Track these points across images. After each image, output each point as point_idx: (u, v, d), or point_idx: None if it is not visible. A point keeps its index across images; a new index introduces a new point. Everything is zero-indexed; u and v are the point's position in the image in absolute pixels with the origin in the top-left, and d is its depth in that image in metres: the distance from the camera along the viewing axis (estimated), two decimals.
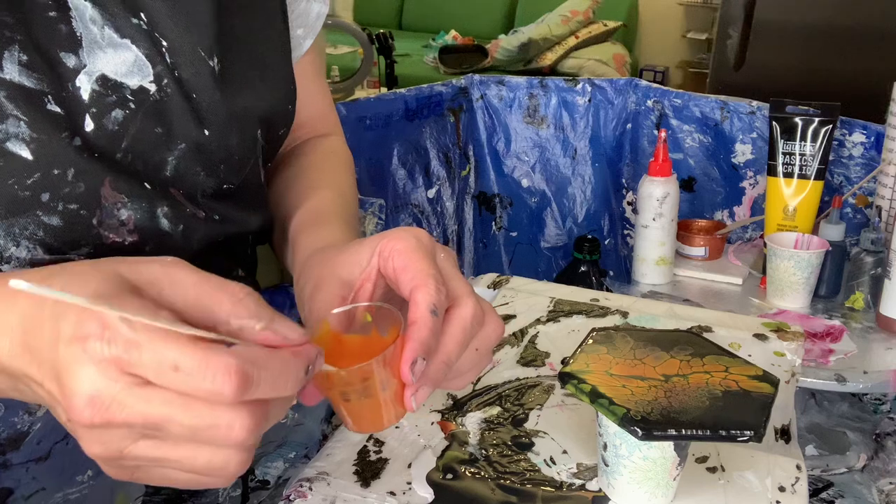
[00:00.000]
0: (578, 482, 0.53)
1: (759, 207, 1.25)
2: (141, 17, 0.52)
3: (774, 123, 1.13)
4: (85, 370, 0.34)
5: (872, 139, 1.16)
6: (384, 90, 3.07)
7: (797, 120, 1.12)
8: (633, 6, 4.62)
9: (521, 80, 1.36)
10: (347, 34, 2.81)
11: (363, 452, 0.55)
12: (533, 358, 0.68)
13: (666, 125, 1.28)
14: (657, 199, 1.09)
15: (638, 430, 0.46)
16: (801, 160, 1.13)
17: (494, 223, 1.40)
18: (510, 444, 0.57)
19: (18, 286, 0.33)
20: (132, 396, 0.35)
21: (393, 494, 0.51)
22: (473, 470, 0.54)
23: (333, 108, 0.78)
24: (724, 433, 0.46)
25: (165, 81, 0.53)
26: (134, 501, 0.51)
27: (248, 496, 0.55)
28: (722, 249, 1.21)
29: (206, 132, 0.55)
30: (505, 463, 0.55)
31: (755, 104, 1.23)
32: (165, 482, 0.38)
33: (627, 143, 1.33)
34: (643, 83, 1.31)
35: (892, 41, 2.33)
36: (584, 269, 1.12)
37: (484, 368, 0.51)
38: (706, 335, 0.72)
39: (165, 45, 0.53)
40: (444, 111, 1.30)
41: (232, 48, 0.57)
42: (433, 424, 0.59)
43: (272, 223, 0.66)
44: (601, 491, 0.52)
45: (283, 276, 0.80)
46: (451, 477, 0.53)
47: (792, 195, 1.13)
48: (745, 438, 0.46)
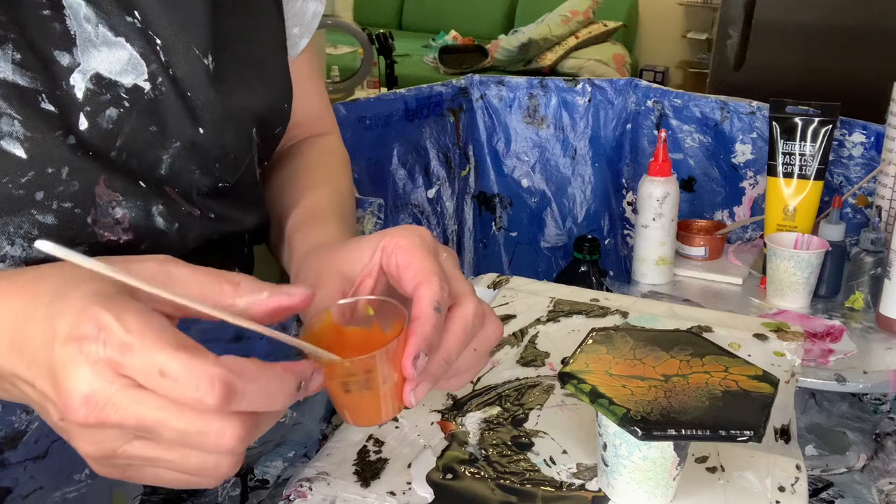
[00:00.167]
0: (578, 482, 0.53)
1: (759, 207, 1.25)
2: (135, 15, 0.52)
3: (774, 123, 1.13)
4: (81, 370, 0.35)
5: (872, 139, 1.15)
6: (384, 90, 3.07)
7: (797, 120, 1.12)
8: (633, 6, 4.62)
9: (521, 80, 1.36)
10: (347, 34, 2.81)
11: (363, 452, 0.55)
12: (533, 358, 0.68)
13: (666, 125, 1.28)
14: (657, 199, 1.09)
15: (638, 430, 0.46)
16: (801, 160, 1.13)
17: (494, 223, 1.40)
18: (510, 444, 0.57)
19: (44, 247, 0.33)
20: (126, 398, 0.35)
21: (393, 494, 0.51)
22: (473, 470, 0.54)
23: (330, 107, 0.78)
24: (723, 433, 0.46)
25: (160, 80, 0.53)
26: (132, 500, 0.51)
27: (247, 495, 0.55)
28: (722, 249, 1.21)
29: (200, 130, 0.55)
30: (505, 463, 0.55)
31: (755, 104, 1.23)
32: (157, 482, 0.38)
33: (627, 143, 1.33)
34: (643, 83, 1.31)
35: (892, 41, 2.33)
36: (584, 269, 1.12)
37: (481, 370, 0.51)
38: (706, 335, 0.71)
39: (160, 43, 0.53)
40: (443, 111, 1.29)
41: (227, 46, 0.57)
42: (433, 424, 0.59)
43: (269, 222, 0.66)
44: (601, 491, 0.52)
45: (281, 275, 0.80)
46: (450, 477, 0.53)
47: (792, 195, 1.13)
48: (744, 438, 0.46)
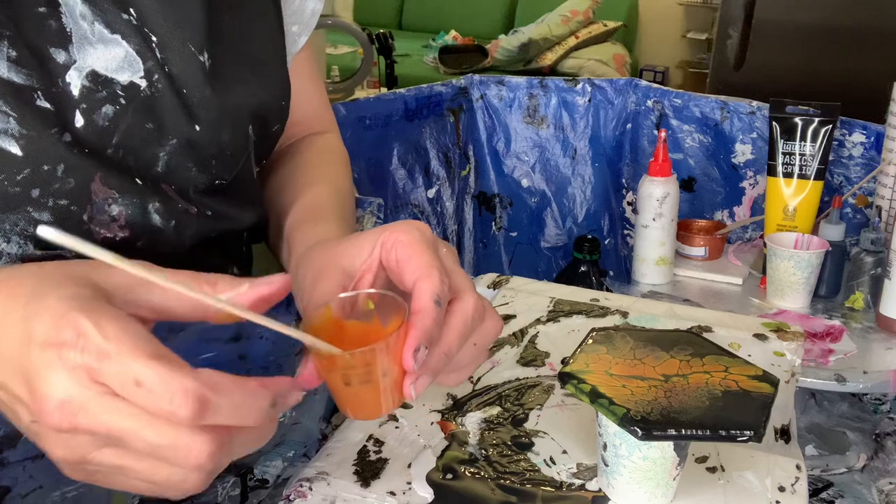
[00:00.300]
0: (578, 482, 0.53)
1: (759, 207, 1.25)
2: (131, 12, 0.52)
3: (774, 123, 1.13)
4: (58, 375, 0.35)
5: (872, 139, 1.15)
6: (384, 90, 3.07)
7: (797, 120, 1.12)
8: (633, 6, 4.62)
9: (521, 80, 1.36)
10: (347, 34, 2.81)
11: (363, 452, 0.55)
12: (533, 358, 0.68)
13: (666, 125, 1.28)
14: (657, 199, 1.09)
15: (638, 430, 0.46)
16: (800, 160, 1.12)
17: (494, 223, 1.40)
18: (510, 444, 0.57)
19: (46, 233, 0.33)
20: (100, 406, 0.35)
21: (393, 494, 0.51)
22: (473, 470, 0.54)
23: (329, 105, 0.77)
24: (723, 433, 0.46)
25: (156, 77, 0.53)
26: (131, 500, 0.51)
27: (247, 495, 0.55)
28: (722, 249, 1.21)
29: (197, 128, 0.55)
30: (505, 463, 0.54)
31: (755, 104, 1.23)
32: (125, 488, 0.38)
33: (627, 143, 1.33)
34: (643, 83, 1.31)
35: (892, 41, 2.33)
36: (584, 269, 1.11)
37: (480, 365, 0.51)
38: (706, 335, 0.71)
39: (155, 40, 0.53)
40: (443, 111, 1.29)
41: (223, 44, 0.57)
42: (433, 424, 0.59)
43: (267, 220, 0.66)
44: (601, 491, 0.52)
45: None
46: (450, 477, 0.53)
47: (792, 195, 1.13)
48: (744, 438, 0.46)
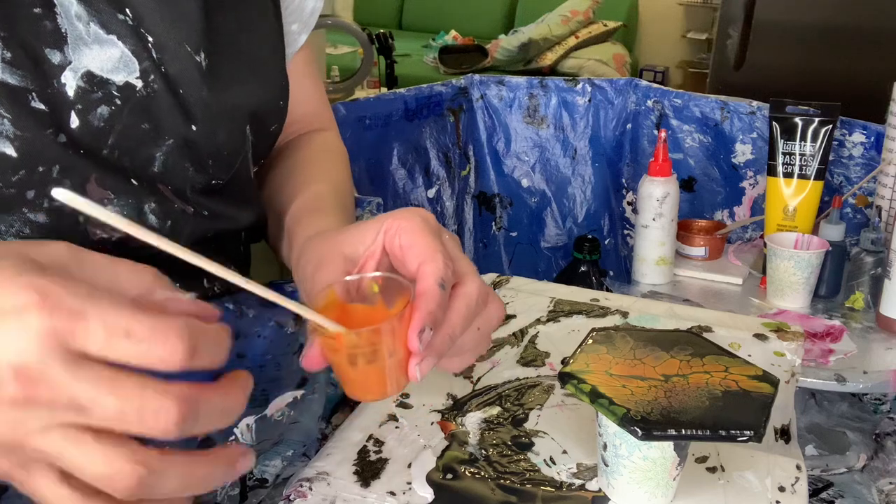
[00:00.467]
0: (578, 482, 0.53)
1: (759, 207, 1.25)
2: (126, 12, 0.52)
3: (774, 123, 1.13)
4: (17, 341, 0.32)
5: (872, 139, 1.15)
6: (384, 90, 3.07)
7: (797, 120, 1.12)
8: (633, 6, 4.63)
9: (521, 80, 1.36)
10: (347, 34, 2.81)
11: (363, 452, 0.55)
12: (533, 358, 0.68)
13: (666, 125, 1.28)
14: (657, 199, 1.09)
15: (638, 430, 0.46)
16: (801, 160, 1.12)
17: (494, 223, 1.40)
18: (510, 444, 0.57)
19: (60, 195, 0.32)
20: (64, 373, 0.33)
21: (393, 494, 0.51)
22: (473, 470, 0.54)
23: (328, 103, 0.77)
24: (723, 433, 0.46)
25: (152, 77, 0.53)
26: None
27: (246, 495, 0.55)
28: (722, 249, 1.21)
29: (193, 128, 0.55)
30: (505, 463, 0.54)
31: (755, 104, 1.23)
32: (38, 492, 0.35)
33: (627, 143, 1.33)
34: (643, 83, 1.31)
35: (892, 41, 2.33)
36: (584, 269, 1.12)
37: (484, 351, 0.51)
38: (706, 335, 0.71)
39: (151, 40, 0.52)
40: (443, 111, 1.29)
41: (220, 43, 0.57)
42: (433, 424, 0.59)
43: (265, 219, 0.66)
44: (601, 491, 0.52)
45: (281, 273, 0.80)
46: (451, 477, 0.53)
47: (792, 195, 1.13)
48: (744, 438, 0.46)
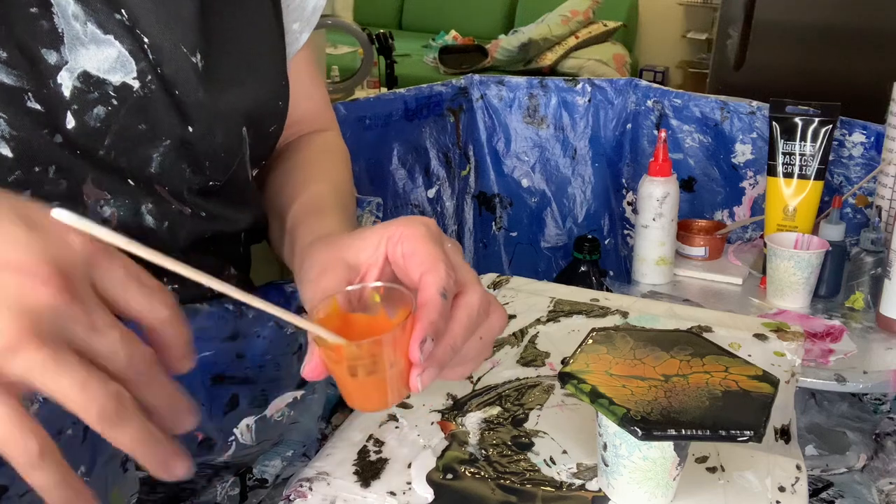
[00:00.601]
0: (578, 482, 0.53)
1: (759, 207, 1.25)
2: (122, 12, 0.51)
3: (774, 123, 1.13)
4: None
5: (872, 139, 1.15)
6: (384, 90, 3.07)
7: (797, 120, 1.12)
8: (633, 6, 4.63)
9: (520, 80, 1.36)
10: (347, 34, 2.81)
11: (363, 452, 0.55)
12: (533, 358, 0.68)
13: (666, 125, 1.28)
14: (657, 199, 1.09)
15: (638, 430, 0.46)
16: (800, 160, 1.12)
17: (494, 223, 1.40)
18: (510, 444, 0.57)
19: (59, 216, 0.34)
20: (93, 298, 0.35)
21: (393, 494, 0.51)
22: (473, 470, 0.54)
23: (329, 103, 0.77)
24: (723, 433, 0.46)
25: (149, 78, 0.53)
26: (129, 498, 0.51)
27: (246, 495, 0.55)
28: (722, 249, 1.21)
29: (190, 129, 0.55)
30: (505, 463, 0.54)
31: (755, 104, 1.23)
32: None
33: (627, 143, 1.33)
34: (643, 83, 1.31)
35: (892, 41, 2.33)
36: (584, 269, 1.11)
37: (485, 359, 0.51)
38: (706, 335, 0.71)
39: (147, 41, 0.52)
40: (443, 111, 1.29)
41: (216, 44, 0.56)
42: (433, 424, 0.59)
43: (265, 221, 0.66)
44: (601, 491, 0.52)
45: (282, 274, 0.80)
46: (451, 477, 0.53)
47: (792, 195, 1.13)
48: (744, 438, 0.46)
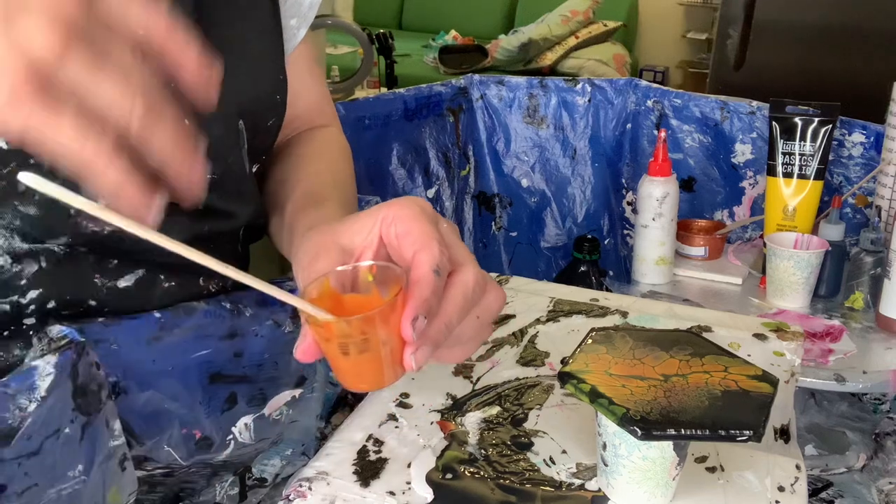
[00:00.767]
0: (578, 482, 0.53)
1: (758, 207, 1.25)
2: None
3: (774, 123, 1.13)
4: None
5: (872, 139, 1.15)
6: (384, 90, 3.07)
7: (797, 120, 1.12)
8: (633, 6, 4.63)
9: (520, 80, 1.36)
10: (347, 34, 2.81)
11: (363, 452, 0.55)
12: (533, 358, 0.68)
13: (666, 125, 1.28)
14: (657, 199, 1.09)
15: (637, 429, 0.46)
16: (800, 160, 1.13)
17: (494, 223, 1.40)
18: (510, 443, 0.57)
19: (26, 179, 0.33)
20: None
21: (392, 494, 0.51)
22: (473, 470, 0.54)
23: (330, 99, 0.77)
24: (723, 433, 0.46)
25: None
26: (128, 497, 0.51)
27: (245, 494, 0.55)
28: (722, 249, 1.21)
29: (185, 121, 0.55)
30: (504, 463, 0.54)
31: (755, 104, 1.23)
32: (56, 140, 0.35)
33: (627, 143, 1.33)
34: (643, 83, 1.31)
35: (892, 41, 2.33)
36: (583, 269, 1.12)
37: (485, 340, 0.51)
38: (706, 335, 0.71)
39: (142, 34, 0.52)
40: (443, 111, 1.29)
41: (212, 37, 0.57)
42: (433, 424, 0.59)
43: (264, 218, 0.66)
44: (600, 491, 0.52)
45: (281, 271, 0.80)
46: (450, 477, 0.53)
47: (791, 195, 1.13)
48: (744, 438, 0.46)
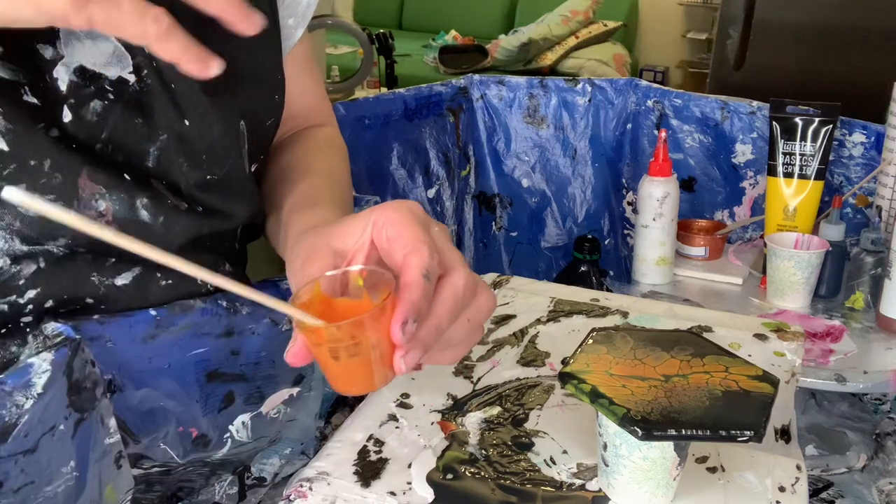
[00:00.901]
0: (578, 482, 0.53)
1: (759, 207, 1.25)
2: None
3: (774, 123, 1.13)
4: None
5: (872, 139, 1.15)
6: (384, 90, 3.07)
7: (797, 120, 1.12)
8: (633, 6, 4.63)
9: (521, 80, 1.36)
10: (347, 34, 2.81)
11: (363, 452, 0.55)
12: (533, 358, 0.68)
13: (666, 125, 1.28)
14: (657, 199, 1.09)
15: (638, 430, 0.46)
16: (801, 160, 1.12)
17: (494, 223, 1.40)
18: (510, 444, 0.57)
19: (9, 195, 0.33)
20: None
21: (393, 494, 0.51)
22: (473, 470, 0.54)
23: (327, 98, 0.77)
24: (724, 433, 0.46)
25: (145, 72, 0.53)
26: (124, 495, 0.51)
27: (245, 494, 0.55)
28: (722, 249, 1.21)
29: (186, 122, 0.55)
30: (505, 463, 0.54)
31: (755, 104, 1.23)
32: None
33: (627, 143, 1.33)
34: (643, 83, 1.31)
35: (892, 41, 2.33)
36: (584, 269, 1.12)
37: (476, 342, 0.51)
38: (706, 335, 0.71)
39: None
40: (443, 111, 1.29)
41: (213, 38, 0.57)
42: (433, 424, 0.59)
43: (262, 217, 0.66)
44: (601, 491, 0.52)
45: (280, 272, 0.79)
46: (451, 477, 0.53)
47: (792, 195, 1.13)
48: (744, 438, 0.46)
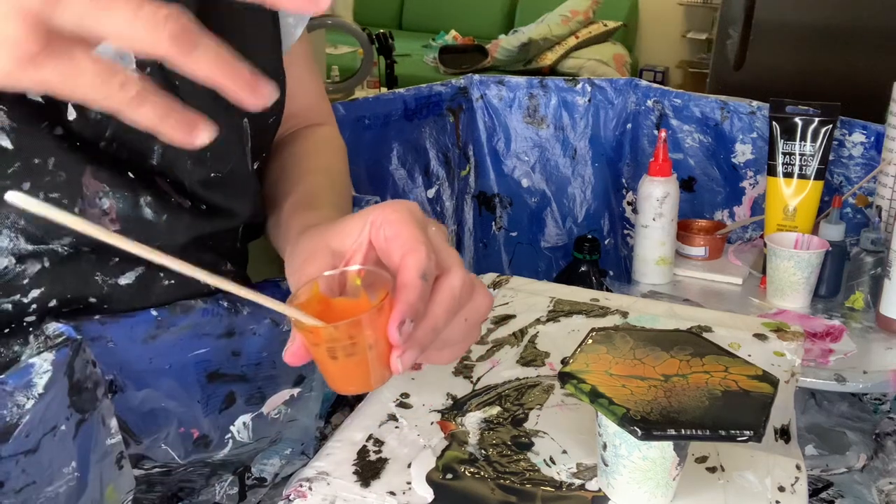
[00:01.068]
0: (578, 482, 0.53)
1: (759, 207, 1.25)
2: None
3: (774, 123, 1.13)
4: None
5: (872, 139, 1.15)
6: (384, 90, 3.07)
7: (797, 120, 1.12)
8: (633, 6, 4.63)
9: (520, 80, 1.36)
10: (347, 34, 2.81)
11: (363, 452, 0.55)
12: (533, 358, 0.68)
13: (666, 125, 1.28)
14: (657, 199, 1.09)
15: (637, 429, 0.46)
16: (801, 160, 1.12)
17: (494, 223, 1.40)
18: (510, 443, 0.57)
19: (14, 199, 0.33)
20: None
21: (393, 494, 0.51)
22: (473, 470, 0.54)
23: (326, 97, 0.77)
24: (723, 433, 0.46)
25: (148, 70, 0.53)
26: (125, 496, 0.51)
27: (245, 494, 0.55)
28: (722, 249, 1.21)
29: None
30: (505, 463, 0.54)
31: (755, 104, 1.23)
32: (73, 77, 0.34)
33: (627, 143, 1.33)
34: (643, 83, 1.31)
35: (892, 41, 2.33)
36: (584, 269, 1.12)
37: (473, 342, 0.51)
38: (706, 335, 0.71)
39: None
40: (443, 111, 1.29)
41: (214, 35, 0.57)
42: (433, 424, 0.59)
43: (264, 217, 0.66)
44: (601, 491, 0.52)
45: (279, 272, 0.80)
46: (450, 477, 0.53)
47: (792, 195, 1.13)
48: (744, 438, 0.46)
